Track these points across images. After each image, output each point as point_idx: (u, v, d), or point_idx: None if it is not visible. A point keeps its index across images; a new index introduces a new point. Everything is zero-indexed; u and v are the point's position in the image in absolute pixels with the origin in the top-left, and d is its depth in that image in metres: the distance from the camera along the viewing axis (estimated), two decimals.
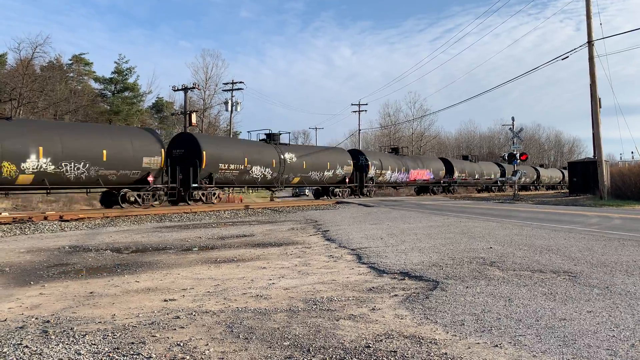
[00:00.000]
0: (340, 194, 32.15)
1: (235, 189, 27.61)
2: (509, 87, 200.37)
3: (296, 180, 28.93)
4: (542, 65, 48.03)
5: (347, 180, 32.45)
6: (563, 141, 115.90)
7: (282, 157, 27.30)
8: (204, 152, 22.66)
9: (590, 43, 26.49)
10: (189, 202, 22.61)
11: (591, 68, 26.45)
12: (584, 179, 34.96)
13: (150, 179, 20.28)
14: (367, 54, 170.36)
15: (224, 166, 23.81)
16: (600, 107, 26.77)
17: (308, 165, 29.11)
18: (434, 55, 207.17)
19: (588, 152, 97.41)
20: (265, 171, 26.23)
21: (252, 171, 25.39)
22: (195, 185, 22.68)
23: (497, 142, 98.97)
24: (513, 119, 36.70)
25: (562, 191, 53.88)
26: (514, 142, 35.12)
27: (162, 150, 20.93)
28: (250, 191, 35.62)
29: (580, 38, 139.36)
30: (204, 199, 23.31)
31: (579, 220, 13.78)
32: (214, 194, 24.00)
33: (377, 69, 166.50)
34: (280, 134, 29.30)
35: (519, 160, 35.24)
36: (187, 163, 22.50)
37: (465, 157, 51.34)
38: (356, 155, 34.41)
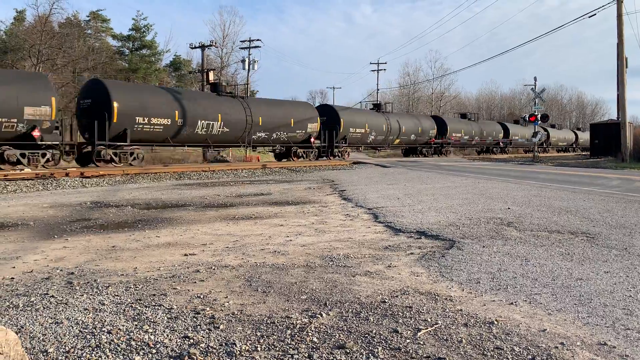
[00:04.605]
0: (305, 155, 28.53)
1: (165, 148, 23.50)
2: (532, 47, 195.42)
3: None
4: (568, 23, 46.74)
5: (312, 139, 28.65)
6: (586, 102, 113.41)
7: (226, 111, 23.59)
8: (115, 104, 19.11)
9: None
10: (97, 164, 19.22)
11: (619, 26, 25.59)
12: (606, 141, 34.33)
13: (35, 134, 17.13)
14: (389, 12, 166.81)
15: (143, 120, 20.18)
16: (626, 67, 26.04)
17: (264, 121, 25.47)
18: (456, 13, 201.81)
19: (611, 114, 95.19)
20: (205, 127, 22.65)
21: (184, 127, 21.79)
22: (102, 143, 19.04)
23: (519, 102, 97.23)
24: (535, 79, 35.85)
25: (583, 153, 52.75)
26: (535, 103, 34.51)
27: (53, 98, 17.86)
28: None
29: None
30: (116, 159, 19.83)
31: (600, 183, 13.62)
32: (130, 153, 20.40)
33: (398, 27, 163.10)
34: (227, 83, 25.40)
35: (539, 122, 34.73)
36: (95, 116, 19.05)
37: (463, 116, 48.27)
38: (326, 111, 30.60)
